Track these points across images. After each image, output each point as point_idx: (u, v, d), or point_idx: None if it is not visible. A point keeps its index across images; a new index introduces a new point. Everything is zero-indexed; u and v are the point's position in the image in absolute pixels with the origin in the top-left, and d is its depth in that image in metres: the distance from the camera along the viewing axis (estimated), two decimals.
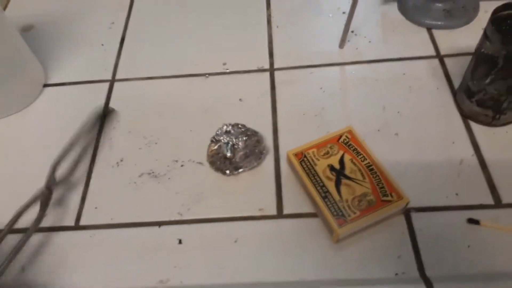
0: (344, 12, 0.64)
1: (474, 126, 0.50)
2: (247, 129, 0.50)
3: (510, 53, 0.42)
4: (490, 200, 0.45)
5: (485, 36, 0.44)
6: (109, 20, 0.68)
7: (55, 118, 0.57)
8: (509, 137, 0.49)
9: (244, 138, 0.49)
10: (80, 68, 0.62)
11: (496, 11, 0.44)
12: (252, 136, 0.50)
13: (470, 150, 0.48)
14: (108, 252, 0.45)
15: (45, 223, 0.47)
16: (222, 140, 0.49)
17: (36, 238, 0.46)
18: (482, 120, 0.50)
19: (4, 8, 0.73)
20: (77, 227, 0.47)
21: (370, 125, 0.52)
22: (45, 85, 0.61)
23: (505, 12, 0.44)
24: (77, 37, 0.67)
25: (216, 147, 0.49)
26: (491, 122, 0.49)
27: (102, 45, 0.65)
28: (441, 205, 0.45)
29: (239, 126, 0.51)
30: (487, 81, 0.45)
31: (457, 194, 0.45)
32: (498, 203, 0.44)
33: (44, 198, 0.46)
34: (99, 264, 0.44)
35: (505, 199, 0.44)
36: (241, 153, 0.49)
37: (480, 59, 0.46)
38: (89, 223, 0.47)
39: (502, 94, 0.46)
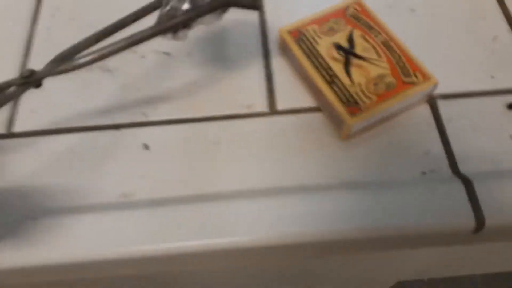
0: None
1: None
2: None
3: None
4: None
5: None
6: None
7: None
8: None
9: None
10: None
11: None
12: None
13: (505, 26, 0.39)
14: (55, 163, 0.35)
15: None
16: None
17: None
18: None
19: None
20: (10, 134, 0.36)
21: (377, 0, 0.41)
22: None
23: None
24: None
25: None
26: None
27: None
28: (473, 90, 0.36)
29: None
30: None
31: (492, 77, 0.36)
32: None
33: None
34: (43, 178, 0.34)
35: None
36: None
37: None
38: (25, 129, 0.36)
39: None
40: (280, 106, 0.36)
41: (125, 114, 0.37)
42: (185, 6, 0.33)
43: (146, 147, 0.35)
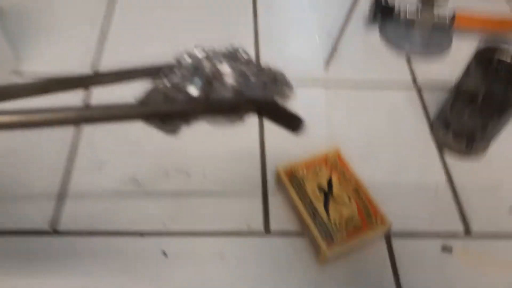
0: (328, 34, 0.66)
1: (448, 156, 0.54)
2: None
3: (491, 92, 0.45)
4: (461, 228, 0.48)
5: (467, 73, 0.47)
6: (88, 12, 0.65)
7: None
8: (479, 168, 0.53)
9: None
10: (56, 58, 0.59)
11: (479, 52, 0.48)
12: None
13: (444, 179, 0.52)
14: (90, 261, 0.43)
15: (13, 224, 0.44)
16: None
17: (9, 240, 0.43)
18: (455, 149, 0.53)
19: None
20: (54, 232, 0.45)
21: (353, 148, 0.53)
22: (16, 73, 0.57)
23: (487, 55, 0.48)
24: (54, 27, 0.63)
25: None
26: (464, 151, 0.53)
27: (82, 37, 0.62)
28: (418, 230, 0.48)
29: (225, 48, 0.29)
30: (465, 115, 0.49)
31: (432, 221, 0.48)
32: (467, 232, 0.48)
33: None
34: (77, 275, 0.42)
35: (474, 228, 0.48)
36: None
37: (460, 94, 0.49)
38: (67, 229, 0.45)
39: (477, 128, 0.49)
40: (273, 227, 0.47)
41: (148, 223, 0.46)
42: (194, 90, 0.25)
43: (164, 253, 0.44)
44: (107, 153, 0.51)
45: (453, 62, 0.63)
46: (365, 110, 0.58)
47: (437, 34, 0.65)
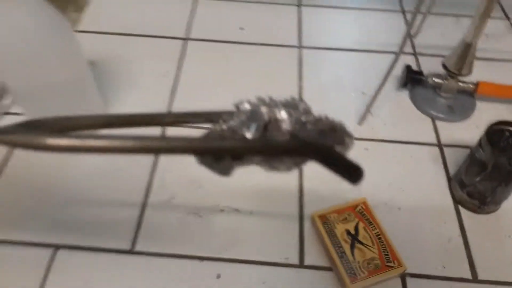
0: (363, 93, 0.76)
1: (462, 210, 0.62)
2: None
3: (498, 163, 0.54)
4: (469, 275, 0.56)
5: (480, 145, 0.56)
6: (162, 68, 0.79)
7: None
8: (490, 224, 0.61)
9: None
10: (136, 104, 0.72)
11: (491, 126, 0.56)
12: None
13: (457, 231, 0.60)
14: (162, 281, 0.54)
15: (102, 243, 0.56)
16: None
17: (96, 256, 0.55)
18: (469, 207, 0.61)
19: None
20: (132, 252, 0.56)
21: (379, 198, 0.63)
22: None
23: (498, 127, 0.57)
24: (135, 79, 0.77)
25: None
26: (476, 210, 0.61)
27: (157, 86, 0.75)
28: (430, 274, 0.56)
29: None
30: (477, 179, 0.57)
31: (444, 267, 0.57)
32: (475, 279, 0.56)
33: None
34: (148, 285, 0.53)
35: (481, 276, 0.56)
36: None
37: (474, 161, 0.58)
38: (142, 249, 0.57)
39: (487, 191, 0.57)
40: (307, 262, 0.57)
41: (206, 249, 0.57)
42: (248, 133, 0.26)
43: (218, 276, 0.55)
44: (176, 189, 0.63)
45: (475, 126, 0.72)
46: (391, 164, 0.67)
47: (461, 99, 0.74)
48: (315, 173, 0.64)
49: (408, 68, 0.73)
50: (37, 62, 0.56)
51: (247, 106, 0.29)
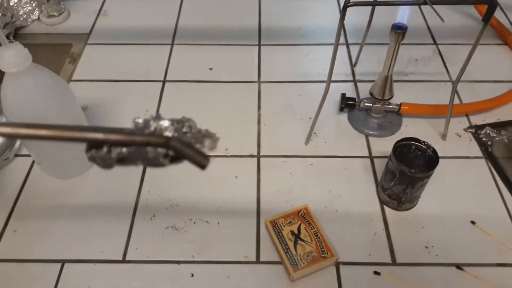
0: (310, 118, 0.92)
1: (386, 209, 0.77)
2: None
3: (402, 171, 0.70)
4: (389, 260, 0.71)
5: (390, 158, 0.72)
6: (145, 107, 0.95)
7: (106, 186, 0.82)
8: (408, 218, 0.76)
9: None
10: None
11: (397, 142, 0.72)
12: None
13: (382, 226, 0.75)
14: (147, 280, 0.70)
15: (100, 255, 0.72)
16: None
17: (93, 267, 0.71)
18: (391, 206, 0.77)
19: None
20: (124, 261, 0.72)
21: (320, 203, 0.78)
22: None
23: (403, 142, 0.73)
24: (120, 118, 0.93)
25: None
26: (396, 208, 0.76)
27: None
28: (358, 261, 0.71)
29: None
30: (392, 184, 0.73)
31: (369, 255, 0.72)
32: (394, 262, 0.71)
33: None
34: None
35: (399, 260, 0.71)
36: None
37: (388, 170, 0.73)
38: (132, 259, 0.72)
39: (400, 193, 0.73)
40: (262, 258, 0.72)
41: (182, 255, 0.72)
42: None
43: (192, 275, 0.70)
44: (157, 208, 0.78)
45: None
46: (332, 175, 0.83)
47: (390, 118, 0.90)
48: (270, 186, 0.81)
49: (343, 95, 0.89)
50: (40, 118, 0.72)
51: (140, 120, 0.35)
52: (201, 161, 0.34)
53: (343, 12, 0.67)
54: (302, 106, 0.95)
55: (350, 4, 0.66)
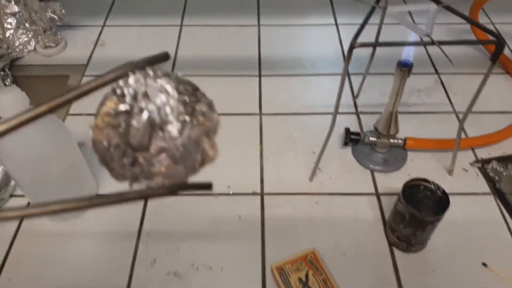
0: (313, 152, 0.90)
1: (395, 250, 0.75)
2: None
3: (412, 214, 0.67)
4: None
5: (399, 199, 0.70)
6: None
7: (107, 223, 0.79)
8: (418, 261, 0.74)
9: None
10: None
11: (406, 183, 0.70)
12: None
13: (391, 268, 0.73)
14: None
15: None
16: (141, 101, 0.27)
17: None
18: (400, 248, 0.75)
19: None
20: None
21: (327, 244, 0.76)
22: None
23: (413, 183, 0.71)
24: None
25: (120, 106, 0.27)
26: (406, 250, 0.74)
27: None
28: None
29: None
30: (401, 226, 0.71)
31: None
32: None
33: None
34: None
35: None
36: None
37: (397, 212, 0.71)
38: None
39: (410, 235, 0.71)
40: None
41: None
42: None
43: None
44: (157, 253, 0.75)
45: (406, 174, 0.86)
46: (337, 213, 0.81)
47: (395, 152, 0.88)
48: (275, 226, 0.78)
49: (346, 130, 0.88)
50: (39, 161, 0.70)
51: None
52: (204, 186, 0.32)
53: (349, 54, 0.65)
54: (305, 139, 0.94)
55: (356, 45, 0.64)
